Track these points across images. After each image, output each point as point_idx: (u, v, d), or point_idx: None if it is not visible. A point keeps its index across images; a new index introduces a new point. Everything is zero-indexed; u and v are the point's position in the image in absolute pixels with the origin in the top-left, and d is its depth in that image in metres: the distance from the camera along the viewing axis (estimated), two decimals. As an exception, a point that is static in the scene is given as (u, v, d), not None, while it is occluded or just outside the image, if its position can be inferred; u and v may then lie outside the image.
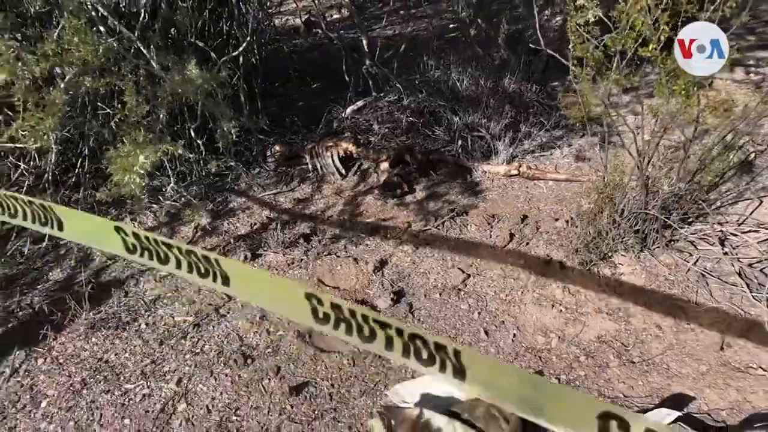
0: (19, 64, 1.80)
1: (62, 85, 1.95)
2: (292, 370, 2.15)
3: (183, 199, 3.16)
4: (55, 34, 2.03)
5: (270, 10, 4.51)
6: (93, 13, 2.10)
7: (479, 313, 2.41)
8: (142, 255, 1.16)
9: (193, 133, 2.99)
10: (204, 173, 3.32)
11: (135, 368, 2.18)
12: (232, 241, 2.90)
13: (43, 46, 1.95)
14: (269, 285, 1.12)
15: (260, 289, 1.11)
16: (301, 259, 2.77)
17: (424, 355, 0.94)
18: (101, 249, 1.19)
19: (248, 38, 3.10)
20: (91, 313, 2.44)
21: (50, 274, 2.73)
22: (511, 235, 2.84)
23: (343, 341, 2.17)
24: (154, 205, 3.15)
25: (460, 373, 0.91)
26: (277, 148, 3.61)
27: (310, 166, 3.52)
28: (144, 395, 2.06)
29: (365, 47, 4.12)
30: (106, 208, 3.09)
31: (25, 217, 1.28)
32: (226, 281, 1.07)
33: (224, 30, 3.35)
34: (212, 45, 3.19)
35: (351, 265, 2.71)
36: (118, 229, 1.15)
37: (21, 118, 1.84)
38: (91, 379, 2.13)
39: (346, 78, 4.04)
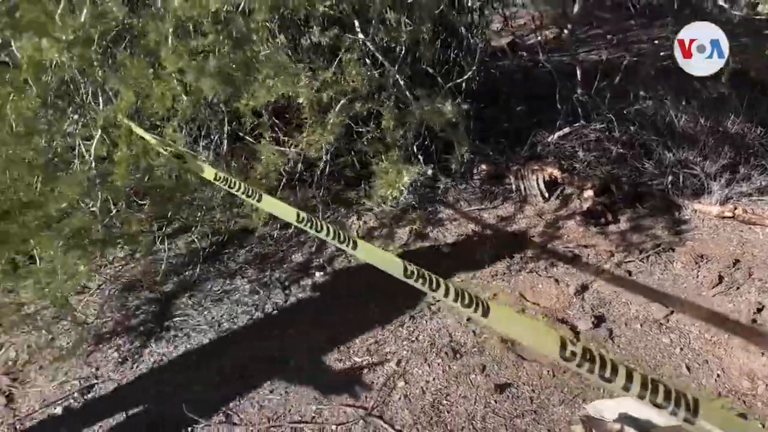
0: (312, 90, 2.29)
1: (337, 108, 2.42)
2: (496, 370, 2.40)
3: (400, 205, 3.58)
4: (334, 66, 2.51)
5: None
6: (364, 49, 2.55)
7: (681, 349, 2.45)
8: (416, 280, 1.43)
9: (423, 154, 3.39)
10: (419, 184, 3.72)
11: (362, 345, 2.59)
12: (440, 247, 3.26)
13: (325, 75, 2.44)
14: (525, 325, 1.35)
15: (516, 325, 1.34)
16: (504, 273, 3.02)
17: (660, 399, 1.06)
18: (386, 270, 1.49)
19: (474, 67, 3.42)
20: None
21: (293, 256, 3.30)
22: (720, 278, 2.81)
23: (544, 354, 2.38)
24: (375, 208, 3.61)
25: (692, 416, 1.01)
26: (484, 166, 3.90)
27: (513, 187, 3.76)
28: (369, 369, 2.46)
29: (578, 74, 4.24)
30: (336, 207, 3.63)
31: (327, 234, 1.66)
32: (486, 313, 1.30)
33: (450, 57, 3.72)
34: (439, 71, 3.57)
35: (552, 284, 2.89)
36: (405, 264, 1.44)
37: (307, 132, 2.34)
38: (330, 349, 2.58)
39: (558, 105, 4.20)
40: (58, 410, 2.40)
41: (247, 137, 3.25)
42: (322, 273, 3.10)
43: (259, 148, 2.72)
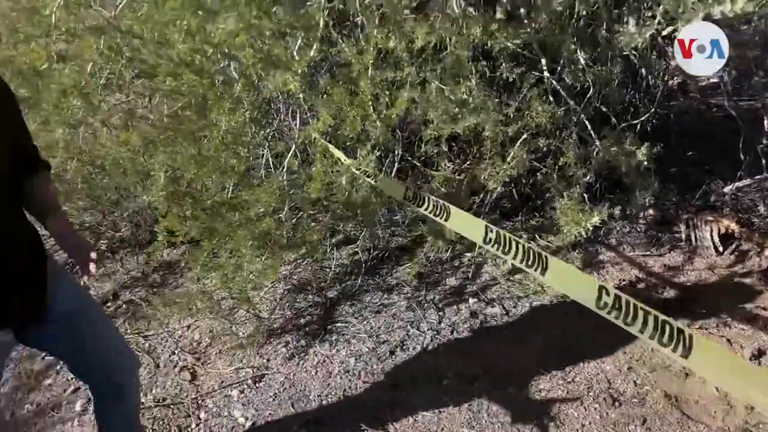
0: (498, 123, 2.38)
1: (518, 143, 2.50)
2: (658, 425, 2.31)
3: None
4: (518, 101, 2.59)
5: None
6: (549, 86, 2.60)
7: None
8: (609, 312, 1.41)
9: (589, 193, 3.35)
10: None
11: (514, 377, 2.61)
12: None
13: (510, 110, 2.52)
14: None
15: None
16: (669, 325, 2.88)
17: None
18: (575, 298, 1.49)
19: (652, 109, 3.33)
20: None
21: (447, 279, 3.40)
22: None
23: (712, 413, 2.24)
24: (531, 242, 3.61)
25: None
26: (651, 211, 3.75)
27: (683, 236, 3.57)
28: (522, 402, 2.47)
29: (766, 123, 3.94)
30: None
31: (515, 257, 1.71)
32: (686, 354, 1.25)
33: (626, 98, 3.64)
34: (614, 111, 3.51)
35: (724, 345, 2.72)
36: (601, 289, 1.44)
37: (489, 164, 2.45)
38: (483, 376, 2.63)
39: (741, 155, 3.94)
40: (234, 393, 2.67)
41: (416, 162, 3.42)
42: (476, 300, 3.16)
43: (434, 174, 2.86)
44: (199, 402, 2.64)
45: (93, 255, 1.49)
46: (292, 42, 2.35)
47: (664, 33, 2.08)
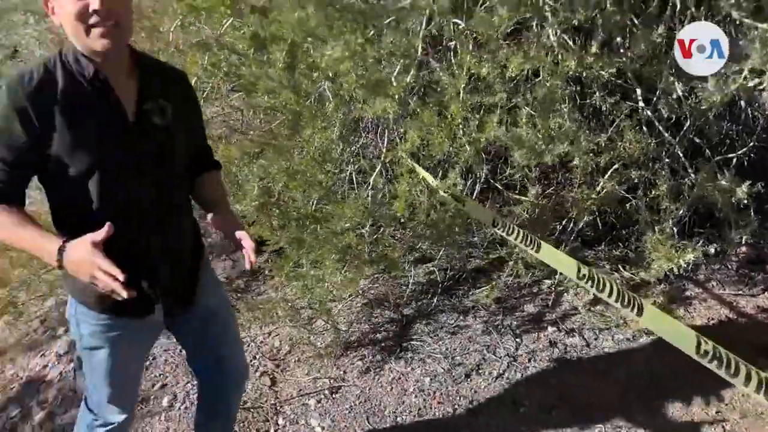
0: (589, 153, 2.37)
1: (609, 173, 2.47)
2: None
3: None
4: (611, 131, 2.55)
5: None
6: (643, 116, 2.56)
7: None
8: (711, 361, 1.37)
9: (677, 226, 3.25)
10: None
11: (597, 413, 2.55)
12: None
13: (601, 139, 2.49)
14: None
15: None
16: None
17: None
18: (675, 343, 1.46)
19: (750, 143, 3.19)
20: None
21: (525, 306, 3.37)
22: None
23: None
24: (615, 273, 3.52)
25: None
26: (744, 249, 3.58)
27: (779, 276, 3.39)
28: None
29: None
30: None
31: (610, 294, 1.70)
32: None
33: (723, 130, 3.51)
34: (709, 143, 3.38)
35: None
36: (699, 337, 1.41)
37: (577, 192, 2.44)
38: (562, 406, 2.59)
39: None
40: (311, 402, 2.75)
41: (498, 184, 3.42)
42: (555, 328, 3.12)
43: (517, 197, 2.86)
44: (278, 408, 2.74)
45: (254, 245, 1.57)
46: (389, 66, 2.44)
47: (751, 84, 2.01)
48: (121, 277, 1.27)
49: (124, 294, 1.28)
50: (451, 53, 2.90)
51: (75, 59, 1.42)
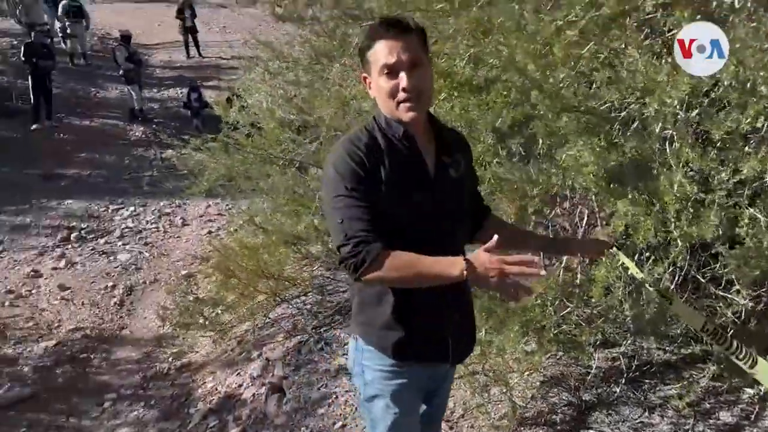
0: None
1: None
2: None
3: None
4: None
5: None
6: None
7: None
8: None
9: None
10: None
11: None
12: None
13: None
14: None
15: None
16: None
17: None
18: None
19: None
20: None
21: (720, 413, 3.08)
22: None
23: None
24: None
25: None
26: None
27: None
28: None
29: None
30: None
31: None
32: None
33: None
34: None
35: None
36: None
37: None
38: None
39: None
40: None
41: (701, 277, 3.20)
42: (759, 448, 2.82)
43: (725, 296, 2.67)
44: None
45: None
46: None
47: None
48: (536, 259, 1.52)
49: (543, 272, 1.47)
50: (667, 143, 2.84)
51: (387, 123, 1.72)
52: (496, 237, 1.52)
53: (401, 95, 1.63)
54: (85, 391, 4.51)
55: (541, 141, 2.50)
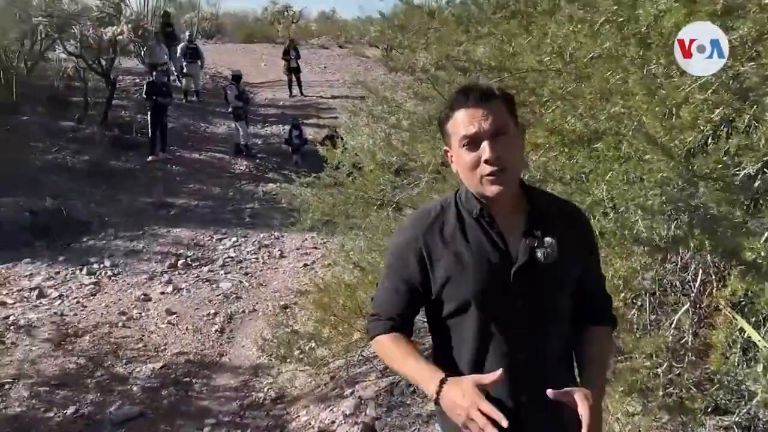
0: None
1: None
2: None
3: None
4: None
5: None
6: None
7: None
8: None
9: None
10: None
11: None
12: None
13: None
14: None
15: None
16: None
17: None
18: None
19: None
20: None
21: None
22: None
23: None
24: None
25: None
26: None
27: None
28: None
29: None
30: None
31: None
32: None
33: None
34: None
35: None
36: None
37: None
38: None
39: None
40: None
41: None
42: None
43: None
44: None
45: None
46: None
47: None
48: (504, 423, 1.26)
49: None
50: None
51: (466, 198, 1.58)
52: (499, 373, 1.36)
53: (484, 168, 1.45)
54: (187, 414, 4.73)
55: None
